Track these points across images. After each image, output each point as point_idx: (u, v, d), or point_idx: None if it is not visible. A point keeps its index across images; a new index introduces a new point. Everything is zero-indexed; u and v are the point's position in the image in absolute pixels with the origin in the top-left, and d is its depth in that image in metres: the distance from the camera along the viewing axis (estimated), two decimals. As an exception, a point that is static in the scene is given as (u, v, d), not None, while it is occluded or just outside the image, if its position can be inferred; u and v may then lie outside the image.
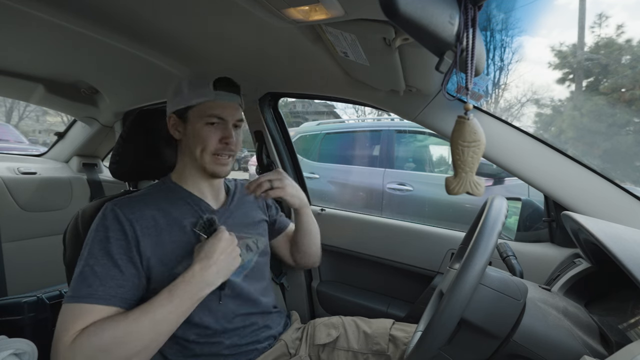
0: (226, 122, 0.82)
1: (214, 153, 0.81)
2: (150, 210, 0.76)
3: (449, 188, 0.58)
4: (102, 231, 0.71)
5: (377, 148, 3.48)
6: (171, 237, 0.76)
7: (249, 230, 0.92)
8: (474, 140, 0.54)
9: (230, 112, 0.82)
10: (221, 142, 0.81)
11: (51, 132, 2.35)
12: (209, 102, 0.80)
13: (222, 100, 0.81)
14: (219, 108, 0.81)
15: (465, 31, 0.46)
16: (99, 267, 0.66)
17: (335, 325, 0.96)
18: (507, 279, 0.58)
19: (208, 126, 0.80)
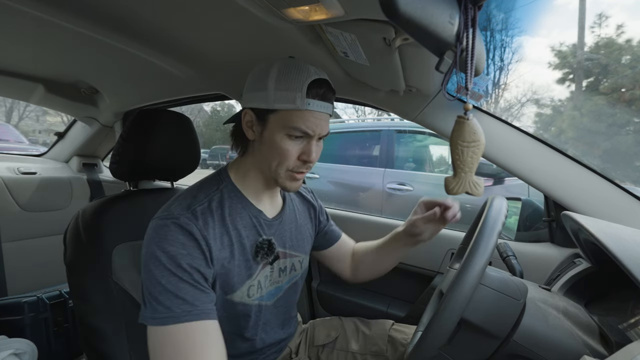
0: (312, 136, 0.67)
1: (291, 170, 0.69)
2: (219, 226, 0.66)
3: (448, 188, 0.58)
4: (176, 247, 0.59)
5: (377, 148, 3.48)
6: (236, 260, 0.67)
7: (298, 247, 0.82)
8: (473, 140, 0.54)
9: (319, 126, 0.66)
10: (300, 158, 0.68)
11: (51, 132, 2.36)
12: (298, 112, 0.64)
13: (313, 110, 0.65)
14: (307, 121, 0.65)
15: (465, 31, 0.46)
16: (184, 284, 0.58)
17: (334, 326, 0.95)
18: (507, 279, 0.58)
19: (290, 139, 0.66)
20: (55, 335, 1.31)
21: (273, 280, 0.76)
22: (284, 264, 0.78)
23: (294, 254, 0.80)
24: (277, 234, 0.76)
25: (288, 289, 0.81)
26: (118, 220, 0.80)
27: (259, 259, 0.70)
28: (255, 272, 0.70)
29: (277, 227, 0.76)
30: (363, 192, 3.42)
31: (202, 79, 1.21)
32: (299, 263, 0.82)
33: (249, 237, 0.70)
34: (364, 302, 1.31)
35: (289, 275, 0.80)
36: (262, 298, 0.73)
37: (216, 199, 0.68)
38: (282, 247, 0.77)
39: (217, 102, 4.36)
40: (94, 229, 0.78)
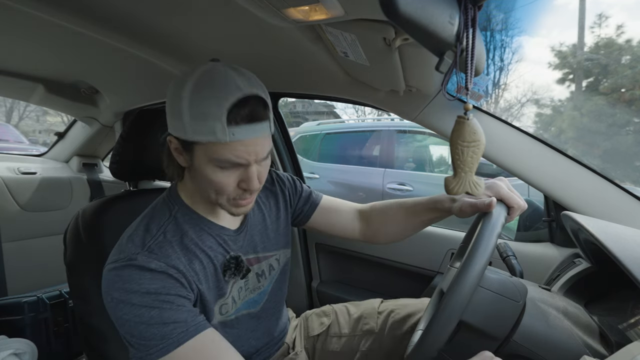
0: (248, 164, 0.59)
1: (233, 198, 0.62)
2: (184, 254, 0.61)
3: (448, 188, 0.58)
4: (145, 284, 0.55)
5: (377, 148, 3.48)
6: (209, 282, 0.65)
7: (271, 246, 0.79)
8: (473, 140, 0.54)
9: (253, 153, 0.58)
10: (240, 186, 0.60)
11: (51, 132, 2.36)
12: (222, 145, 0.55)
13: (240, 138, 0.55)
14: (236, 151, 0.56)
15: (465, 31, 0.46)
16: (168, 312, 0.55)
17: (326, 313, 0.94)
18: (506, 280, 0.58)
19: (222, 170, 0.58)
20: (55, 335, 1.31)
21: (252, 288, 0.74)
22: (260, 269, 0.76)
23: (268, 254, 0.78)
24: (244, 245, 0.73)
25: (273, 289, 0.80)
26: (118, 220, 0.80)
27: (227, 277, 0.67)
28: (227, 291, 0.68)
29: (244, 237, 0.73)
30: (363, 192, 3.42)
31: (202, 79, 1.21)
32: (275, 261, 0.80)
33: (217, 257, 0.66)
34: (364, 302, 1.32)
35: (269, 277, 0.79)
36: (238, 310, 0.72)
37: (170, 228, 0.63)
38: (254, 253, 0.75)
39: (217, 102, 4.34)
40: (94, 229, 0.78)
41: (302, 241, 1.49)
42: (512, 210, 0.65)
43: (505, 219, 0.59)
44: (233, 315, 0.71)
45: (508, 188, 0.65)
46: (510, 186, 0.66)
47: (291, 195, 0.87)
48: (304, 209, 0.89)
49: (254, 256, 0.75)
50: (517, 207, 0.65)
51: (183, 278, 0.59)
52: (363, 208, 0.91)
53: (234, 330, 0.72)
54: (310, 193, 0.91)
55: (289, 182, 0.88)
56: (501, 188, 0.65)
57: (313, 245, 1.47)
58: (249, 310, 0.74)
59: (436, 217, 0.80)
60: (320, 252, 1.47)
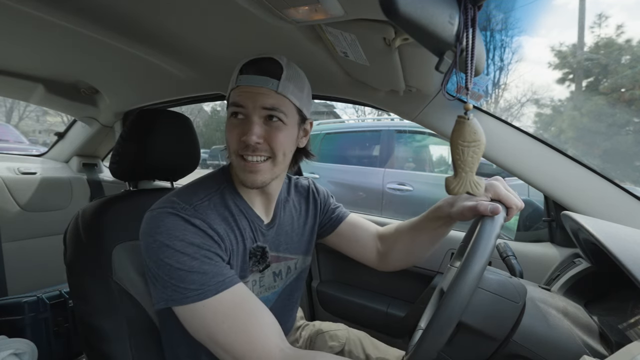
0: (248, 112, 0.63)
1: (239, 154, 0.65)
2: (224, 223, 0.65)
3: (449, 188, 0.58)
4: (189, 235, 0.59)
5: (377, 148, 3.48)
6: (235, 259, 0.67)
7: (294, 249, 0.80)
8: (474, 140, 0.54)
9: (251, 99, 0.62)
10: (241, 141, 0.64)
11: (51, 132, 2.36)
12: (233, 91, 0.65)
13: (244, 84, 0.63)
14: (238, 96, 0.63)
15: (465, 31, 0.46)
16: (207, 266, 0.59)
17: (339, 339, 0.88)
18: (506, 281, 0.58)
19: (232, 120, 0.65)
20: (55, 335, 1.31)
21: (267, 286, 0.75)
22: (278, 268, 0.77)
23: (289, 256, 0.79)
24: (271, 240, 0.75)
25: (285, 291, 0.80)
26: (118, 220, 0.80)
27: (251, 264, 0.69)
28: (247, 276, 0.70)
29: (272, 233, 0.75)
30: (363, 192, 3.42)
31: (202, 79, 1.21)
32: (294, 264, 0.81)
33: (248, 241, 0.69)
34: (364, 302, 1.31)
35: (285, 279, 0.79)
36: None
37: (215, 199, 0.67)
38: (276, 251, 0.76)
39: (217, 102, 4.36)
40: (94, 229, 0.78)
41: (302, 241, 1.49)
42: (510, 211, 0.63)
43: (503, 219, 0.59)
44: None
45: (505, 188, 0.64)
46: (507, 186, 0.65)
47: (322, 206, 0.88)
48: (330, 220, 0.89)
49: (276, 254, 0.76)
50: (515, 207, 0.63)
51: (221, 242, 0.62)
52: (381, 229, 0.91)
53: None
54: (339, 207, 0.92)
55: (324, 194, 0.91)
56: (499, 188, 0.63)
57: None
58: None
59: (440, 227, 0.77)
60: (320, 252, 1.47)
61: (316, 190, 0.90)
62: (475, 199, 0.63)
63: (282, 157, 0.66)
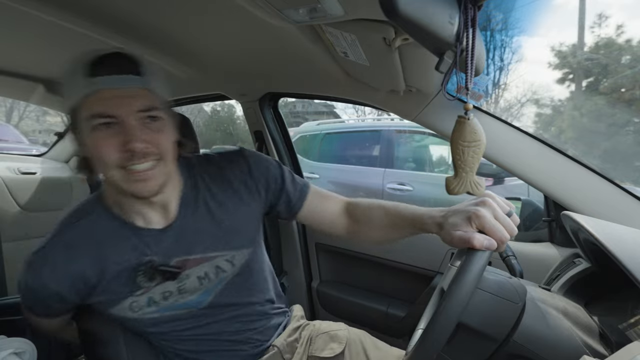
0: (122, 118, 0.56)
1: (121, 166, 0.57)
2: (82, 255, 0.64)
3: (449, 188, 0.58)
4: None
5: (377, 148, 3.48)
6: (107, 282, 0.65)
7: (219, 245, 0.70)
8: (474, 140, 0.54)
9: (122, 104, 0.55)
10: (124, 150, 0.56)
11: (51, 132, 2.35)
12: (91, 97, 0.55)
13: (106, 87, 0.55)
14: (102, 102, 0.55)
15: (465, 31, 0.46)
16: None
17: (339, 339, 0.84)
18: (505, 282, 0.58)
19: (98, 130, 0.56)
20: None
21: (191, 290, 0.69)
22: (202, 271, 0.69)
23: (211, 255, 0.69)
24: (171, 246, 0.67)
25: (224, 290, 0.72)
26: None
27: (139, 282, 0.65)
28: (136, 293, 0.66)
29: (172, 237, 0.67)
30: (363, 192, 3.42)
31: (202, 79, 1.21)
32: (226, 262, 0.71)
33: (128, 260, 0.65)
34: (364, 302, 1.31)
35: (216, 280, 0.71)
36: (165, 309, 0.69)
37: (81, 227, 0.65)
38: (186, 254, 0.68)
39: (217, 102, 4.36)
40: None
41: (302, 241, 1.49)
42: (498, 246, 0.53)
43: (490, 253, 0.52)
44: (156, 314, 0.69)
45: (495, 216, 0.53)
46: (497, 211, 0.54)
47: (268, 182, 0.74)
48: (291, 199, 0.75)
49: (187, 258, 0.68)
50: (500, 243, 0.52)
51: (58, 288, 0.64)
52: (349, 203, 0.80)
53: (166, 326, 0.71)
54: (294, 178, 0.78)
55: (264, 168, 0.75)
56: (484, 220, 0.52)
57: (313, 245, 1.47)
58: (189, 310, 0.71)
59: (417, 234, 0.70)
60: (320, 252, 1.47)
61: (246, 163, 0.74)
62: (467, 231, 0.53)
63: (170, 156, 0.62)
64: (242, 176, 0.73)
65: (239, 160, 0.74)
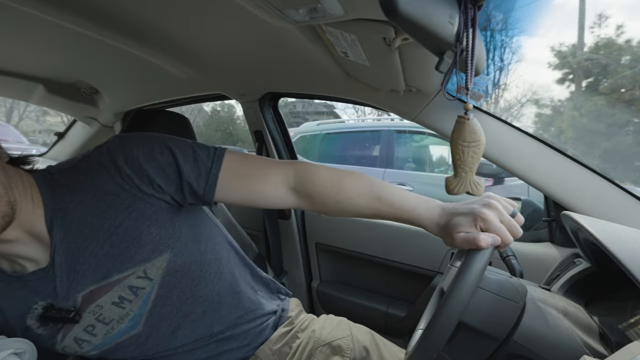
0: None
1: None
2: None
3: (449, 188, 0.58)
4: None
5: (377, 148, 3.48)
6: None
7: (118, 264, 0.57)
8: (474, 140, 0.54)
9: None
10: None
11: (51, 132, 2.35)
12: None
13: None
14: None
15: (465, 31, 0.46)
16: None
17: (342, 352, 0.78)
18: (506, 281, 0.58)
19: None
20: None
21: (117, 318, 0.60)
22: (116, 296, 0.58)
23: (115, 278, 0.57)
24: (64, 283, 0.56)
25: (156, 302, 0.61)
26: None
27: (43, 331, 0.58)
28: (53, 339, 0.59)
29: (61, 272, 0.55)
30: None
31: (202, 79, 1.21)
32: (139, 279, 0.58)
33: (22, 315, 0.57)
34: (364, 302, 1.31)
35: (139, 299, 0.60)
36: (101, 344, 0.61)
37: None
38: (90, 284, 0.57)
39: (217, 102, 4.35)
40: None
41: (302, 241, 1.49)
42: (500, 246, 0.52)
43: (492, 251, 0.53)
44: (95, 351, 0.61)
45: (500, 218, 0.52)
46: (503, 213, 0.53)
47: (151, 177, 0.57)
48: (196, 190, 0.59)
49: (94, 287, 0.57)
50: (504, 245, 0.53)
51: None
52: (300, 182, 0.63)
53: (118, 355, 0.64)
54: (196, 160, 0.59)
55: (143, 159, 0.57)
56: (491, 224, 0.52)
57: (313, 245, 1.47)
58: (129, 335, 0.62)
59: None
60: (320, 252, 1.47)
61: (117, 167, 0.56)
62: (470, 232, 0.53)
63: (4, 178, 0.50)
64: (113, 179, 0.56)
65: (103, 160, 0.57)
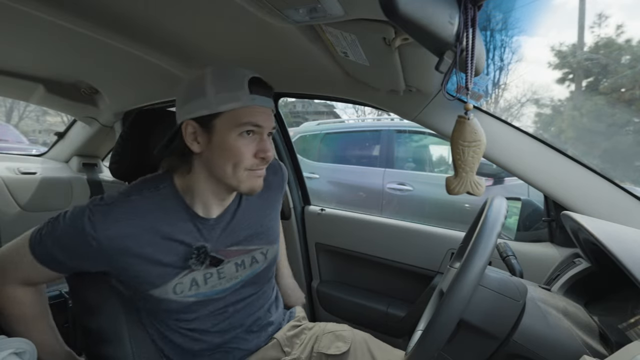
0: (262, 131, 0.69)
1: (250, 168, 0.69)
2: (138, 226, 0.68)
3: (449, 188, 0.58)
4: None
5: (377, 148, 3.48)
6: (154, 261, 0.69)
7: (258, 239, 0.82)
8: (474, 140, 0.54)
9: (267, 120, 0.70)
10: (257, 156, 0.69)
11: (51, 132, 2.36)
12: (245, 109, 0.66)
13: (259, 104, 0.68)
14: (257, 115, 0.68)
15: (465, 31, 0.46)
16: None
17: (344, 339, 0.87)
18: (507, 279, 0.58)
19: (243, 137, 0.67)
20: (55, 335, 1.31)
21: (228, 276, 0.77)
22: (240, 259, 0.79)
23: (251, 247, 0.81)
24: (222, 235, 0.76)
25: (252, 279, 0.81)
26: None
27: (190, 264, 0.70)
28: (181, 274, 0.71)
29: (224, 228, 0.76)
30: (363, 192, 3.42)
31: (202, 79, 1.21)
32: (261, 255, 0.82)
33: (182, 241, 0.71)
34: (364, 302, 1.31)
35: (249, 269, 0.80)
36: (203, 294, 0.74)
37: (148, 197, 0.70)
38: (235, 245, 0.78)
39: (217, 102, 4.31)
40: (94, 229, 0.77)
41: (302, 241, 1.49)
42: None
43: (505, 219, 0.58)
44: (193, 298, 0.73)
45: None
46: None
47: (283, 186, 0.93)
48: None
49: (235, 248, 0.78)
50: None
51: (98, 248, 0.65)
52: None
53: (199, 310, 0.75)
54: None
55: (286, 174, 0.95)
56: None
57: (313, 245, 1.47)
58: (218, 296, 0.76)
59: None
60: (320, 252, 1.47)
61: (282, 171, 0.93)
62: None
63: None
64: (277, 186, 0.91)
65: (278, 171, 0.92)
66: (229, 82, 0.66)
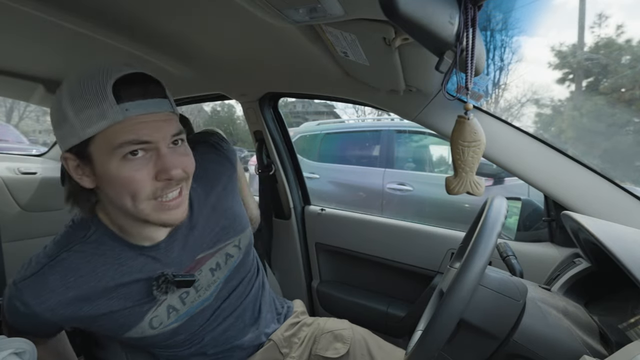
0: (155, 146, 0.53)
1: (154, 197, 0.54)
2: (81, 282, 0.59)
3: (449, 188, 0.58)
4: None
5: (377, 148, 3.48)
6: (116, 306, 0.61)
7: (223, 237, 0.73)
8: (474, 140, 0.54)
9: (157, 129, 0.52)
10: (158, 178, 0.53)
11: (51, 132, 2.36)
12: (117, 125, 0.50)
13: (137, 114, 0.51)
14: (137, 129, 0.51)
15: (465, 31, 0.46)
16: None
17: (344, 339, 0.84)
18: (507, 279, 0.58)
19: (128, 161, 0.51)
20: (55, 335, 1.31)
21: (205, 285, 0.70)
22: (214, 262, 0.72)
23: (221, 245, 0.72)
24: (184, 250, 0.67)
25: (231, 276, 0.75)
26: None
27: (156, 295, 0.62)
28: (153, 307, 0.65)
29: (183, 242, 0.67)
30: (363, 192, 3.42)
31: (202, 79, 1.21)
32: (234, 247, 0.75)
33: (139, 279, 0.62)
34: (364, 302, 1.31)
35: (226, 267, 0.73)
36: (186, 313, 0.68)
37: (80, 251, 0.59)
38: (204, 250, 0.70)
39: (217, 102, 4.35)
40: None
41: (302, 241, 1.49)
42: None
43: (505, 218, 0.58)
44: (176, 323, 0.68)
45: None
46: None
47: (231, 176, 0.79)
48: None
49: (204, 254, 0.70)
50: None
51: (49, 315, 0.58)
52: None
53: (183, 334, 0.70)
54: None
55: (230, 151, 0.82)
56: None
57: (313, 245, 1.47)
58: (202, 306, 0.71)
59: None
60: (320, 252, 1.47)
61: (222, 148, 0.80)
62: None
63: (191, 176, 0.60)
64: (215, 162, 0.77)
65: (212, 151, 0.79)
66: (86, 95, 0.50)
